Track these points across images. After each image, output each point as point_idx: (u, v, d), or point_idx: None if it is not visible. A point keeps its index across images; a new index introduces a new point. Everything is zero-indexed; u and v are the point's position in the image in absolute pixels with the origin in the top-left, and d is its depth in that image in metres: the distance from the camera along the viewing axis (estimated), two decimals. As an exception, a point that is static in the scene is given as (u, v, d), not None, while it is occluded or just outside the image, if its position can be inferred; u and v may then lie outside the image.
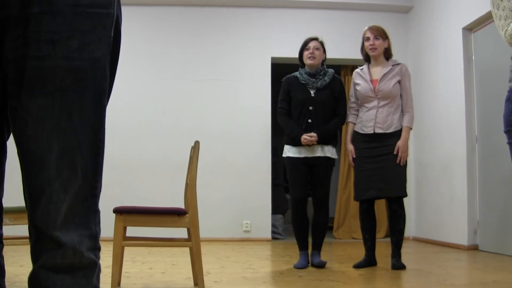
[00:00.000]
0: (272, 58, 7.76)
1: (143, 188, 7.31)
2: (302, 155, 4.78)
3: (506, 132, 2.65)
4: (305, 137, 4.69)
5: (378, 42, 4.80)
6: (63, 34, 1.34)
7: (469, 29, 6.37)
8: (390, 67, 4.80)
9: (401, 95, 4.78)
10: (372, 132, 4.73)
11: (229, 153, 7.53)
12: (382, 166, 4.67)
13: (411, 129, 4.78)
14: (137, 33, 7.57)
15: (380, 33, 4.81)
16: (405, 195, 4.70)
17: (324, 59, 4.93)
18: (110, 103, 1.58)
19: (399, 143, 4.67)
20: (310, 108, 4.78)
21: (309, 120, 4.76)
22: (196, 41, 7.71)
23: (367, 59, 4.94)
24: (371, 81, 4.80)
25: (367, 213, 4.81)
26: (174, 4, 7.72)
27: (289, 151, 4.85)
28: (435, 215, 6.97)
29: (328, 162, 4.81)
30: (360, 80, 4.86)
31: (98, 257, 1.50)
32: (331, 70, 4.93)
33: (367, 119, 4.77)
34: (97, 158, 1.44)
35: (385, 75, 4.76)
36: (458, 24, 6.46)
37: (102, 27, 1.41)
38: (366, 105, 4.80)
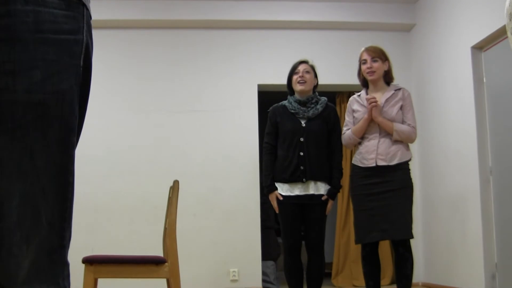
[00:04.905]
0: (259, 86, 7.77)
1: (117, 234, 7.23)
2: (294, 193, 4.74)
3: None
4: (273, 200, 4.78)
5: (376, 65, 4.77)
6: (24, 64, 1.31)
7: (479, 47, 6.42)
8: (393, 91, 4.79)
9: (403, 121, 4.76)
10: (374, 165, 4.69)
11: (213, 192, 7.48)
12: (386, 204, 4.62)
13: (397, 132, 4.66)
14: (108, 60, 7.56)
15: (378, 55, 4.79)
16: (412, 237, 4.66)
17: (316, 85, 4.93)
18: (80, 138, 1.56)
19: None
20: (301, 139, 4.75)
21: (301, 153, 4.73)
22: (173, 68, 7.72)
23: (365, 84, 4.91)
24: (371, 108, 4.77)
25: (370, 257, 4.76)
26: (149, 26, 7.73)
27: (280, 189, 4.82)
28: (447, 258, 6.94)
29: (323, 201, 4.79)
30: (358, 106, 4.83)
31: (67, 316, 1.47)
32: (324, 98, 4.92)
33: (368, 151, 4.72)
34: (64, 204, 1.41)
35: (387, 100, 4.74)
36: (467, 42, 6.51)
37: (69, 56, 1.39)
38: (366, 135, 4.77)
